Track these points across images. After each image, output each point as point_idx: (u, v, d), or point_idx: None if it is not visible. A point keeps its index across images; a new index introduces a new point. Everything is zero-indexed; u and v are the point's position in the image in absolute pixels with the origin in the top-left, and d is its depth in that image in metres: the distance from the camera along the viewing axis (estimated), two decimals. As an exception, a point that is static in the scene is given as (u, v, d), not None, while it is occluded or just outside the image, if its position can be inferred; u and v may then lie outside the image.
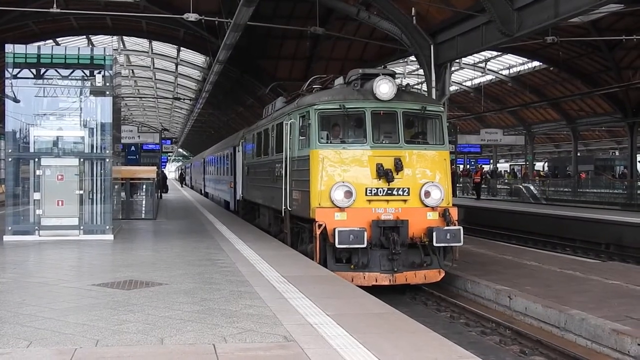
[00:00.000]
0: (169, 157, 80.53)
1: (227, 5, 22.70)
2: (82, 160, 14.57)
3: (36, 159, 14.27)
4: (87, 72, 14.80)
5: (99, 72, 14.64)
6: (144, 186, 22.45)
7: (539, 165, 62.03)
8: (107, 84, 14.64)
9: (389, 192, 11.56)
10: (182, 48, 37.45)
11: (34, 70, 14.63)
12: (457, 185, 41.30)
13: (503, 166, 70.44)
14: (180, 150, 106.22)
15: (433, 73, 20.79)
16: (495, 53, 38.51)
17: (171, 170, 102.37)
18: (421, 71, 25.48)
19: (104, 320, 6.62)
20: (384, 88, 11.74)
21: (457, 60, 34.10)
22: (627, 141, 41.09)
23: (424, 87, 29.56)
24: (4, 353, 5.45)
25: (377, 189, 11.55)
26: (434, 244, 11.35)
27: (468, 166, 61.19)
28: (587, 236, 21.69)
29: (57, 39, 33.48)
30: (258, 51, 30.87)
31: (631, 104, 36.74)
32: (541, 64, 38.47)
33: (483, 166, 53.61)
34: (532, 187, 41.88)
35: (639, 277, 12.07)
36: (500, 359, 8.48)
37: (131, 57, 44.18)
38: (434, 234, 11.27)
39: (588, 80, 36.85)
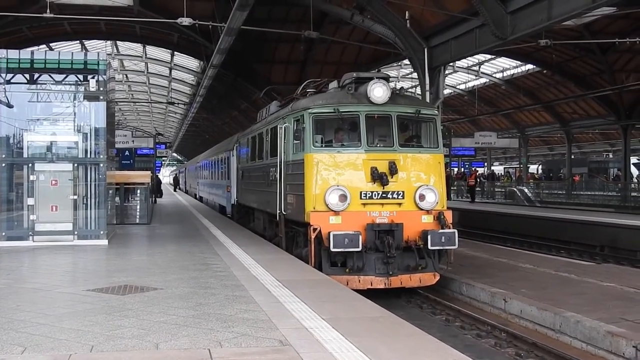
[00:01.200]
0: (163, 162, 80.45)
1: (221, 10, 22.72)
2: (76, 165, 14.51)
3: (30, 164, 14.22)
4: (80, 77, 14.79)
5: (93, 77, 14.62)
6: (138, 191, 22.40)
7: (533, 168, 62.20)
8: (101, 89, 14.61)
9: (383, 195, 11.57)
10: (176, 52, 37.42)
11: (27, 75, 14.60)
12: (452, 188, 41.36)
13: (497, 169, 70.57)
14: (175, 154, 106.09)
15: (427, 76, 20.84)
16: (488, 56, 38.60)
17: (165, 175, 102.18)
18: (415, 74, 25.51)
19: (98, 326, 6.59)
20: (378, 92, 11.75)
21: (451, 64, 34.17)
22: (620, 143, 41.21)
23: (418, 90, 29.61)
24: (-2, 359, 5.44)
25: (372, 192, 11.55)
26: (429, 247, 11.36)
27: (462, 169, 61.26)
28: (582, 238, 21.74)
29: (51, 44, 33.42)
30: (252, 55, 30.89)
31: (624, 107, 36.86)
32: (535, 67, 38.60)
33: (477, 169, 53.67)
34: (526, 190, 41.98)
35: (633, 279, 12.10)
36: (495, 361, 8.49)
37: (125, 61, 44.14)
38: (429, 237, 11.28)
39: (581, 82, 36.98)
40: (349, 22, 23.13)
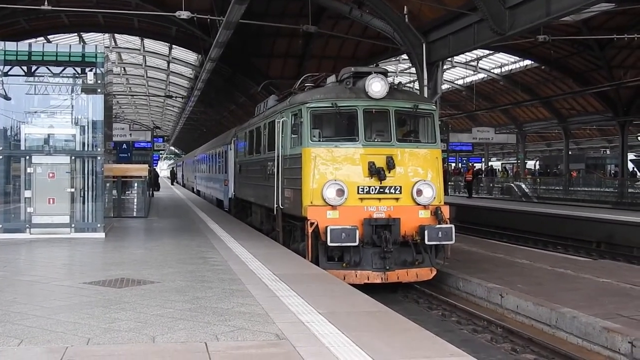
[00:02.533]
0: (160, 155, 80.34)
1: (220, 3, 22.68)
2: (73, 158, 14.51)
3: (27, 157, 14.21)
4: (78, 69, 14.76)
5: (91, 70, 14.59)
6: (136, 184, 22.37)
7: (530, 164, 62.26)
8: (99, 82, 14.59)
9: (381, 190, 11.56)
10: (174, 46, 37.37)
11: (25, 68, 14.57)
12: (449, 183, 41.40)
13: (495, 165, 70.67)
14: (172, 148, 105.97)
15: (425, 71, 20.81)
16: (487, 52, 38.60)
17: (163, 169, 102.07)
18: (413, 69, 25.51)
19: (95, 319, 6.60)
20: (376, 86, 11.73)
21: (449, 59, 34.15)
22: (618, 140, 41.26)
23: (416, 85, 29.59)
24: (-5, 352, 5.44)
25: (369, 187, 11.54)
26: (426, 242, 11.36)
27: (460, 164, 61.31)
28: (579, 234, 21.78)
29: (49, 36, 33.32)
30: (250, 49, 30.83)
31: (622, 103, 36.90)
32: (533, 62, 38.59)
33: (474, 164, 53.75)
34: (523, 186, 42.03)
35: (629, 275, 12.13)
36: (491, 356, 8.50)
37: (123, 54, 44.05)
38: (426, 232, 11.28)
39: (579, 78, 36.99)
40: (347, 16, 23.09)
